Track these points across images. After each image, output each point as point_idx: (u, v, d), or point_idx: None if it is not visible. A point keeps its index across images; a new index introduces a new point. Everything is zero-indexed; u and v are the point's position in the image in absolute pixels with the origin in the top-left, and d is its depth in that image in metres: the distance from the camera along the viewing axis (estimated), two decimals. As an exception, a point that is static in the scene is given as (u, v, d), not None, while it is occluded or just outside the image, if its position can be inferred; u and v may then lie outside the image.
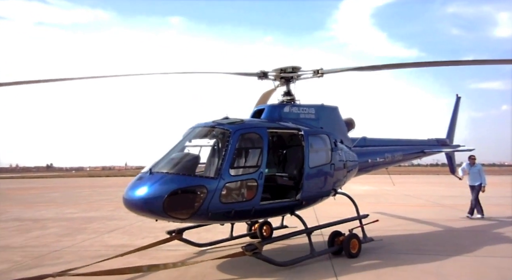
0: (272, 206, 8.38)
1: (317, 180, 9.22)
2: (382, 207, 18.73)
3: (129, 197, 7.25)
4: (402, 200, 23.25)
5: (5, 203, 24.11)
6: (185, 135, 8.46)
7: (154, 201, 6.99)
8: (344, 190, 10.49)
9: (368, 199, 23.07)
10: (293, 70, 10.06)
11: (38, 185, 44.70)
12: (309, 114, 10.04)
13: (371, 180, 38.99)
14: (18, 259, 9.30)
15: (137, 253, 8.80)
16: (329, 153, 9.57)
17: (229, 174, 7.55)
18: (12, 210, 19.96)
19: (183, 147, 8.19)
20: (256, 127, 8.43)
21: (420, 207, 19.44)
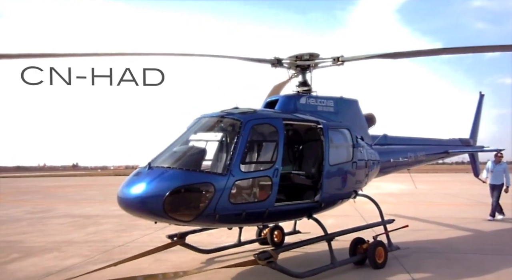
0: (288, 208, 7.35)
1: (338, 180, 8.19)
2: (426, 207, 17.91)
3: (124, 195, 6.24)
4: (443, 199, 22.45)
5: (50, 200, 25.62)
6: (190, 127, 7.44)
7: (153, 201, 5.99)
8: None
9: (406, 198, 22.34)
10: (310, 58, 9.05)
11: (71, 183, 46.40)
12: (327, 106, 9.02)
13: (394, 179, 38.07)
14: (87, 253, 9.68)
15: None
16: (351, 149, 8.54)
17: (240, 170, 6.53)
18: (59, 207, 20.73)
19: (188, 139, 7.18)
20: (270, 118, 7.41)
21: (465, 206, 18.56)
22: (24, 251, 10.04)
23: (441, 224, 13.60)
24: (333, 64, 9.05)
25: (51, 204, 22.96)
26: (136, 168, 6.84)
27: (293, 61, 9.03)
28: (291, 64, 9.07)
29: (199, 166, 6.56)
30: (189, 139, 7.14)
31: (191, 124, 7.51)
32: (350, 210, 15.44)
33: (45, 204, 23.18)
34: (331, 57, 8.96)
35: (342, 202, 8.72)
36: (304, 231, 10.66)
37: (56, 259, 9.18)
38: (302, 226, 10.80)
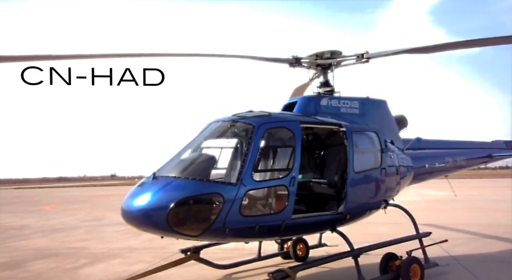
0: (307, 220, 6.62)
1: (364, 188, 7.38)
2: (486, 214, 16.67)
3: (127, 208, 5.75)
4: (496, 205, 21.16)
5: (98, 209, 26.89)
6: (201, 132, 6.89)
7: (156, 214, 5.48)
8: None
9: (457, 204, 21.05)
10: (332, 56, 8.33)
11: (113, 192, 47.88)
12: (352, 108, 8.23)
13: (432, 185, 36.45)
14: (150, 259, 10.00)
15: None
16: (379, 155, 7.72)
17: (252, 179, 5.90)
18: (110, 215, 21.12)
19: (197, 146, 6.62)
20: (286, 121, 6.74)
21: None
22: (90, 257, 10.64)
23: (491, 236, 12.36)
24: (357, 62, 8.29)
25: (101, 212, 23.87)
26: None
27: (313, 60, 8.33)
28: (311, 63, 8.37)
29: (208, 175, 5.97)
30: (199, 146, 6.58)
31: (202, 129, 6.96)
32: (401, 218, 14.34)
33: (96, 212, 24.25)
34: (355, 54, 8.20)
35: (371, 213, 7.88)
36: (332, 243, 9.82)
37: (123, 264, 9.65)
38: (329, 239, 9.96)
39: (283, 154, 7.27)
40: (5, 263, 10.27)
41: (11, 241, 14.06)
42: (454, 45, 7.82)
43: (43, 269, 9.48)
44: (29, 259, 10.66)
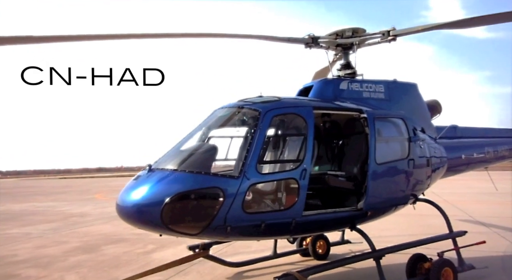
0: (321, 217, 5.93)
1: (388, 182, 6.58)
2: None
3: (121, 203, 5.29)
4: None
5: None
6: (204, 120, 6.31)
7: (150, 210, 4.99)
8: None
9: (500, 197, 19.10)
10: (354, 34, 7.49)
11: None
12: (376, 92, 7.39)
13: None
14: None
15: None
16: (406, 144, 6.87)
17: (257, 171, 5.27)
18: None
19: (199, 135, 6.04)
20: (297, 107, 6.02)
21: None
22: (156, 243, 10.57)
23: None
24: (382, 41, 7.41)
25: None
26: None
27: (332, 39, 7.52)
28: (330, 43, 7.56)
29: (208, 168, 5.39)
30: (201, 135, 6.00)
31: (207, 117, 6.38)
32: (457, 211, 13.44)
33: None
34: (380, 32, 7.33)
35: (396, 209, 7.07)
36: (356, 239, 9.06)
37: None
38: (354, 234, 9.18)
39: (293, 144, 6.59)
40: (81, 247, 10.88)
41: (77, 227, 14.70)
42: (487, 19, 6.77)
43: (117, 253, 9.94)
44: (100, 243, 11.19)
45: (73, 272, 8.30)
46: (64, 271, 8.40)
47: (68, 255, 9.92)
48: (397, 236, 9.88)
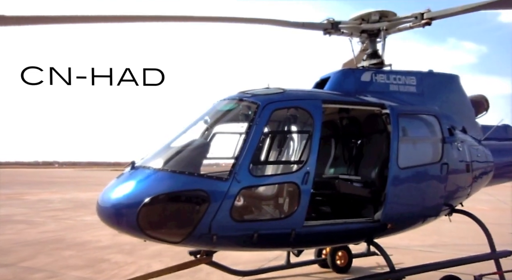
0: (328, 228, 5.11)
1: (414, 189, 5.61)
2: None
3: (101, 203, 4.80)
4: None
5: None
6: (203, 113, 5.66)
7: (125, 212, 4.48)
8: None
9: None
10: (382, 18, 6.54)
11: None
12: (406, 85, 6.39)
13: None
14: None
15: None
16: (439, 145, 5.84)
17: (249, 173, 4.56)
18: None
19: (193, 130, 5.40)
20: (302, 99, 5.20)
21: None
22: None
23: None
24: (414, 25, 6.41)
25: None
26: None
27: (356, 24, 6.61)
28: (353, 28, 6.66)
29: (194, 167, 4.74)
30: (195, 130, 5.35)
31: (205, 110, 5.73)
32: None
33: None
34: (412, 15, 6.33)
35: (425, 221, 6.06)
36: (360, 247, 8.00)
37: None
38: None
39: (296, 142, 5.80)
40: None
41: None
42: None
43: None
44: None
45: (157, 260, 8.44)
46: (148, 259, 8.62)
47: (146, 244, 9.77)
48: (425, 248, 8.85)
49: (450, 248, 9.92)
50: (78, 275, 7.52)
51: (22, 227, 13.06)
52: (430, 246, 10.26)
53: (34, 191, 28.84)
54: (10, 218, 15.13)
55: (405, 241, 10.25)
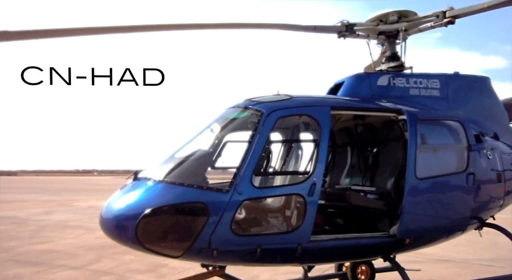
0: (338, 243, 4.78)
1: (435, 202, 5.18)
2: None
3: (103, 214, 4.74)
4: None
5: None
6: (211, 121, 5.51)
7: (124, 226, 4.41)
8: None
9: None
10: (401, 18, 6.17)
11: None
12: (428, 88, 5.97)
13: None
14: None
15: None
16: (464, 154, 5.38)
17: (251, 184, 4.36)
18: None
19: (198, 139, 5.26)
20: (309, 106, 4.93)
21: None
22: None
23: None
24: (436, 25, 6.00)
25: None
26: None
27: (373, 26, 6.28)
28: (369, 30, 6.32)
29: (195, 179, 4.59)
30: (200, 139, 5.21)
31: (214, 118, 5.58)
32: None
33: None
34: (433, 13, 5.93)
35: (450, 236, 5.59)
36: (413, 259, 7.57)
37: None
38: (411, 257, 7.68)
39: (302, 152, 5.51)
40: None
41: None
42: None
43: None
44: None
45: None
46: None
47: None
48: (485, 262, 8.26)
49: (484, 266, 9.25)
50: (143, 279, 7.67)
51: (80, 232, 13.85)
52: (490, 260, 9.58)
53: (81, 198, 30.25)
54: (67, 223, 16.13)
55: (461, 254, 9.83)
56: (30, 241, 12.47)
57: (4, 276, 8.55)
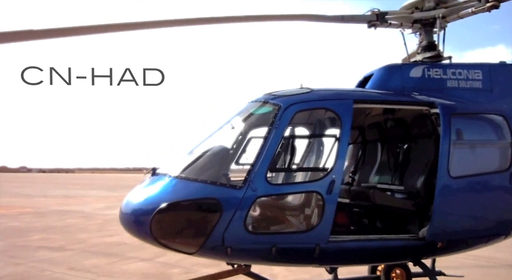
0: (360, 245, 4.51)
1: (471, 202, 4.73)
2: None
3: (122, 209, 4.81)
4: None
5: None
6: (230, 117, 5.41)
7: (140, 221, 4.47)
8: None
9: None
10: (438, 5, 5.71)
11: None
12: (468, 80, 5.46)
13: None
14: None
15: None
16: (508, 151, 4.88)
17: (266, 181, 4.22)
18: None
19: (218, 133, 5.17)
20: (329, 100, 4.67)
21: None
22: None
23: None
24: (478, 10, 5.48)
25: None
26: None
27: (407, 14, 5.87)
28: (403, 19, 5.91)
29: (210, 174, 4.51)
30: (219, 135, 5.12)
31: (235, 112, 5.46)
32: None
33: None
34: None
35: (491, 240, 5.10)
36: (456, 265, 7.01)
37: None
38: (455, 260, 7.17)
39: (321, 147, 5.22)
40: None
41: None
42: None
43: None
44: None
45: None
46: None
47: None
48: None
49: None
50: (210, 272, 7.87)
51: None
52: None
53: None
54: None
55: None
56: (99, 234, 13.56)
57: (83, 265, 9.26)
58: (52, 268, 9.06)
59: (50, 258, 9.96)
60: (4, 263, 9.51)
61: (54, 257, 10.08)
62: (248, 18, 5.79)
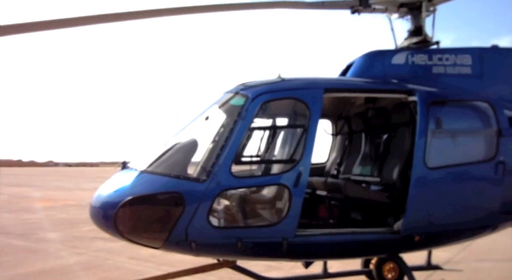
0: (331, 239, 4.36)
1: (451, 194, 4.50)
2: None
3: (92, 204, 4.83)
4: None
5: None
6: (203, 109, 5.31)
7: (105, 214, 4.48)
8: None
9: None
10: None
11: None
12: (456, 66, 5.18)
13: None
14: None
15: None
16: (492, 139, 4.62)
17: (230, 173, 4.12)
18: None
19: (191, 128, 5.09)
20: (299, 89, 4.51)
21: None
22: None
23: None
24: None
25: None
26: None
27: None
28: (388, 2, 5.63)
29: (177, 168, 4.45)
30: (191, 128, 5.04)
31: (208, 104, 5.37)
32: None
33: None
34: None
35: (476, 234, 4.86)
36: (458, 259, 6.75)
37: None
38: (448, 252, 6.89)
39: (289, 138, 5.06)
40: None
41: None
42: None
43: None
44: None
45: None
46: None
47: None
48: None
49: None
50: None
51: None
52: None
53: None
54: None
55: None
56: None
57: (141, 255, 9.03)
58: (113, 258, 9.26)
59: (108, 248, 10.08)
60: (67, 253, 9.89)
61: (111, 247, 10.12)
62: (228, 7, 5.66)
